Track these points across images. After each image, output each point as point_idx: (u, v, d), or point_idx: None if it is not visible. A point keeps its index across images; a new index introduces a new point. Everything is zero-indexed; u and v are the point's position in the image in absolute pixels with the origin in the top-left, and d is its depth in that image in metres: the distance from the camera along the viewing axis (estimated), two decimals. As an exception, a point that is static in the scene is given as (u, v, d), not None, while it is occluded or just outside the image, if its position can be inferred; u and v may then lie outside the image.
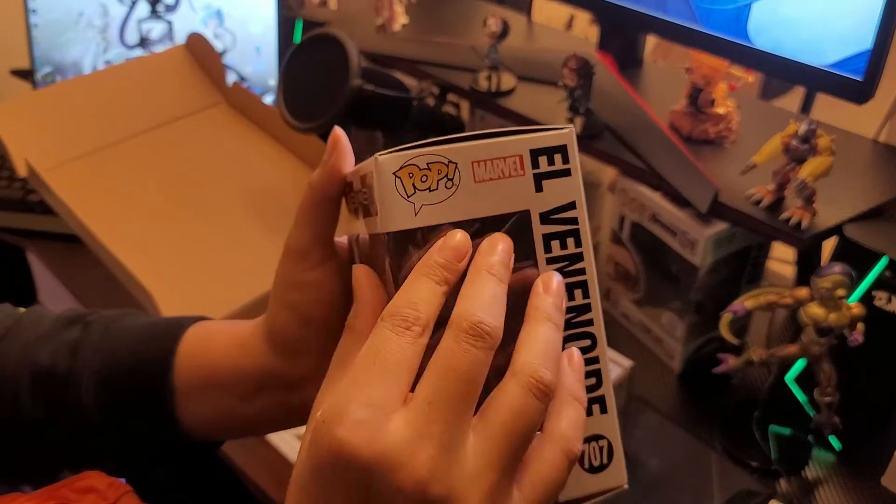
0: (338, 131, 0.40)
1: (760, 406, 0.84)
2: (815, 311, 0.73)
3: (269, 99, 1.26)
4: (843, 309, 0.72)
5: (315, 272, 0.40)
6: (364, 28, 1.18)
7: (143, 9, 1.28)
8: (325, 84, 0.86)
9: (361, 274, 0.36)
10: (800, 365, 0.80)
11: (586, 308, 0.36)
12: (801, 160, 0.74)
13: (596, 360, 0.37)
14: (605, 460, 0.37)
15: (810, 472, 0.80)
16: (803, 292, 0.74)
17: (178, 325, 0.46)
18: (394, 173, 0.36)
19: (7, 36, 1.32)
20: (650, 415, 0.87)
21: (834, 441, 0.81)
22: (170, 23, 1.30)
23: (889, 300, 0.74)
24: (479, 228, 0.36)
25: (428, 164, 0.36)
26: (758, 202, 0.78)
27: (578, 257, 0.36)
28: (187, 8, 1.28)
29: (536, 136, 0.36)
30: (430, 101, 1.02)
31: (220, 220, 0.99)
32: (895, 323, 0.74)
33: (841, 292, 0.71)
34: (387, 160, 0.36)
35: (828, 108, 0.91)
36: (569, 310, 0.36)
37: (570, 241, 0.36)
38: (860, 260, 0.74)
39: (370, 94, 0.86)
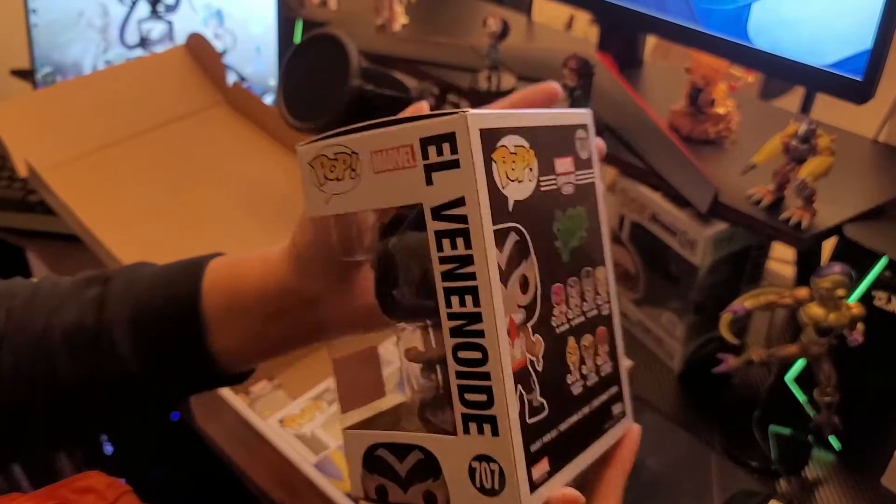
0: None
1: (760, 406, 0.84)
2: (815, 311, 0.73)
3: (269, 99, 1.26)
4: (842, 309, 0.72)
5: None
6: (364, 28, 1.18)
7: (143, 9, 1.29)
8: (325, 84, 0.86)
9: None
10: (800, 365, 0.80)
11: (476, 317, 0.33)
12: (800, 160, 0.74)
13: (486, 375, 0.33)
14: (495, 485, 0.33)
15: (810, 472, 0.80)
16: (803, 292, 0.74)
17: (199, 262, 0.48)
18: (308, 163, 0.37)
19: (7, 36, 1.32)
20: (650, 415, 0.87)
21: (834, 441, 0.81)
22: (170, 23, 1.30)
23: (889, 300, 0.74)
24: (392, 219, 0.36)
25: (335, 154, 0.36)
26: (758, 202, 0.78)
27: (467, 260, 0.33)
28: (187, 8, 1.28)
29: (424, 124, 0.34)
30: (430, 102, 1.02)
31: (220, 220, 0.99)
32: (895, 323, 0.74)
33: (841, 292, 0.71)
34: (302, 150, 0.37)
35: (828, 108, 0.91)
36: (458, 316, 0.33)
37: (460, 241, 0.33)
38: (860, 260, 0.74)
39: (370, 94, 0.86)
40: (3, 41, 1.35)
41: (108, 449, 1.07)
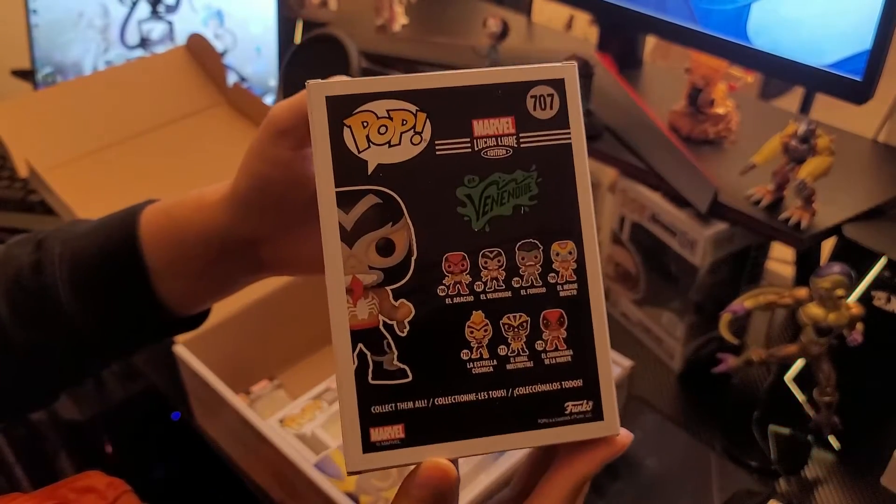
0: None
1: (760, 406, 0.84)
2: (815, 311, 0.73)
3: (269, 99, 1.26)
4: (842, 309, 0.72)
5: (289, 152, 0.42)
6: (364, 28, 1.18)
7: (143, 9, 1.29)
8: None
9: None
10: (799, 365, 0.81)
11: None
12: (800, 160, 0.74)
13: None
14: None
15: (810, 471, 0.80)
16: (803, 292, 0.74)
17: (132, 211, 0.47)
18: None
19: (8, 36, 1.32)
20: (650, 415, 0.87)
21: (833, 441, 0.81)
22: (170, 23, 1.30)
23: (888, 300, 0.74)
24: None
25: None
26: (757, 202, 0.78)
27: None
28: (188, 8, 1.29)
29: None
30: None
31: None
32: (895, 323, 0.74)
33: (840, 292, 0.71)
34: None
35: (827, 108, 0.91)
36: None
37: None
38: (859, 260, 0.74)
39: (370, 95, 0.86)
40: (3, 41, 1.35)
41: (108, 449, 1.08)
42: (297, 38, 1.25)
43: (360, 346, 0.36)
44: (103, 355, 0.49)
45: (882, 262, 0.74)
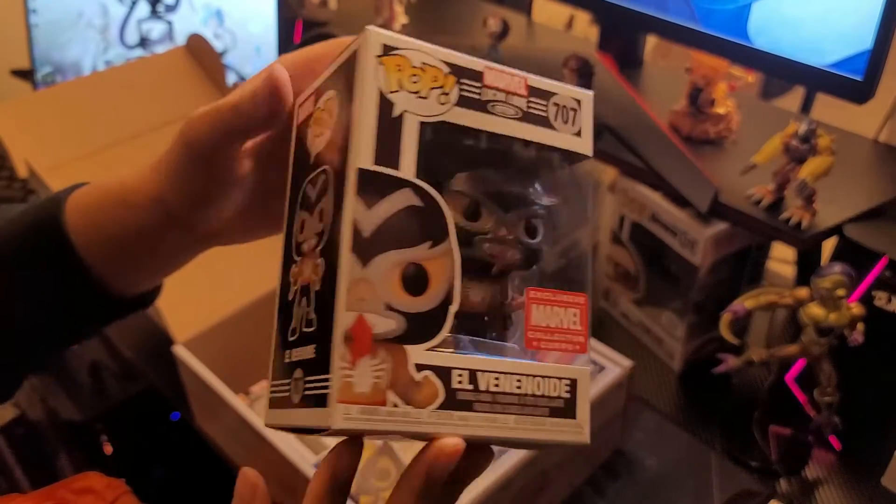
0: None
1: (760, 406, 0.84)
2: (815, 311, 0.72)
3: (269, 99, 1.26)
4: (843, 309, 0.72)
5: (208, 168, 0.39)
6: (364, 28, 1.18)
7: (143, 9, 1.28)
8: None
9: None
10: (800, 365, 0.80)
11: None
12: (801, 160, 0.74)
13: None
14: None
15: (810, 472, 0.79)
16: (803, 292, 0.74)
17: (57, 197, 0.45)
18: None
19: (7, 36, 1.32)
20: (650, 415, 0.87)
21: (834, 441, 0.81)
22: (170, 23, 1.29)
23: (889, 300, 0.74)
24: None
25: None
26: (758, 202, 0.78)
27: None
28: (187, 8, 1.28)
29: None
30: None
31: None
32: (895, 323, 0.74)
33: (841, 292, 0.71)
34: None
35: (828, 108, 0.91)
36: None
37: None
38: (860, 260, 0.74)
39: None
40: (3, 41, 1.34)
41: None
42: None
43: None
44: (51, 342, 0.47)
45: (883, 262, 0.74)
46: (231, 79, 1.25)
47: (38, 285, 0.44)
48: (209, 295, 0.90)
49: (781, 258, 1.02)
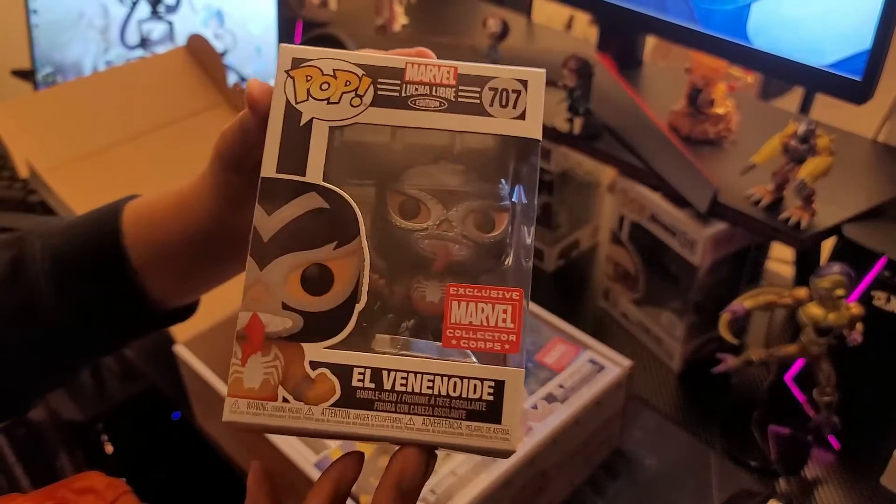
0: None
1: (760, 406, 0.84)
2: (815, 311, 0.73)
3: (269, 99, 1.26)
4: (842, 309, 0.72)
5: (239, 177, 0.41)
6: (364, 28, 1.18)
7: (143, 9, 1.29)
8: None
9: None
10: (799, 365, 0.81)
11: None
12: (800, 160, 0.74)
13: None
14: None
15: (809, 471, 0.80)
16: (802, 292, 0.74)
17: (114, 207, 0.46)
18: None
19: (8, 36, 1.32)
20: (649, 415, 0.87)
21: (833, 441, 0.81)
22: (170, 23, 1.30)
23: (888, 300, 0.74)
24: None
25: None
26: (757, 202, 0.78)
27: None
28: (188, 8, 1.29)
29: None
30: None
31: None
32: (894, 323, 0.74)
33: (840, 292, 0.71)
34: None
35: (827, 108, 0.91)
36: None
37: None
38: (859, 260, 0.74)
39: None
40: (3, 41, 1.35)
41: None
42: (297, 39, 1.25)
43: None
44: (90, 351, 0.49)
45: (882, 262, 0.74)
46: (231, 79, 1.25)
47: (91, 294, 0.45)
48: (210, 295, 0.90)
49: (780, 258, 1.02)
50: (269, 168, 0.32)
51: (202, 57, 1.17)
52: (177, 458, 1.03)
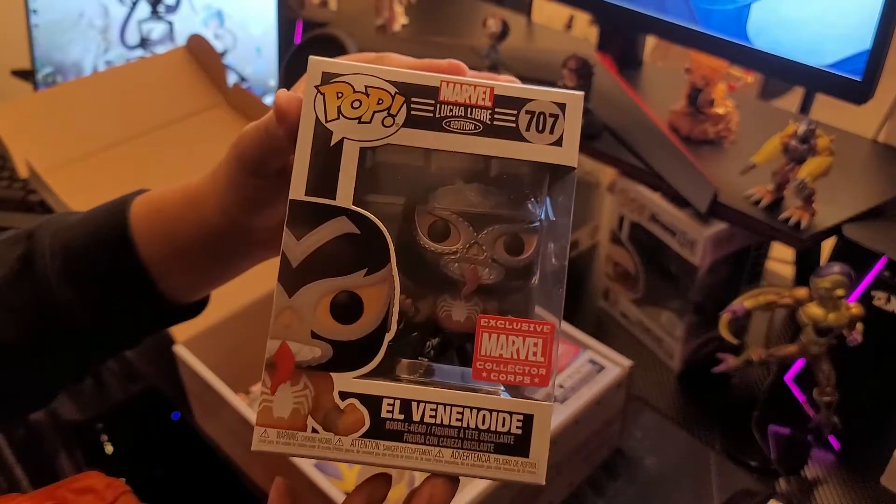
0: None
1: (760, 406, 0.84)
2: (815, 310, 0.73)
3: (269, 100, 1.26)
4: (842, 309, 0.72)
5: (256, 179, 0.40)
6: (364, 28, 1.18)
7: (143, 9, 1.29)
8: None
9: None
10: (799, 365, 0.81)
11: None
12: (800, 160, 0.74)
13: None
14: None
15: (809, 471, 0.80)
16: (802, 292, 0.74)
17: (121, 202, 0.46)
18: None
19: (8, 36, 1.32)
20: (649, 415, 0.87)
21: (833, 441, 0.81)
22: (170, 23, 1.30)
23: (888, 300, 0.74)
24: None
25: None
26: (757, 202, 0.78)
27: None
28: (188, 9, 1.29)
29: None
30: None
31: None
32: (894, 323, 0.74)
33: (840, 292, 0.71)
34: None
35: (827, 108, 0.91)
36: None
37: None
38: (859, 260, 0.74)
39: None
40: (3, 41, 1.35)
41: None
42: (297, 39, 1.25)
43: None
44: (102, 348, 0.48)
45: (882, 262, 0.74)
46: (231, 79, 1.25)
47: (103, 289, 0.45)
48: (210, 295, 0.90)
49: (780, 258, 1.02)
50: (297, 190, 0.31)
51: (202, 57, 1.17)
52: (176, 458, 1.03)
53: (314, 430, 0.30)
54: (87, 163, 1.03)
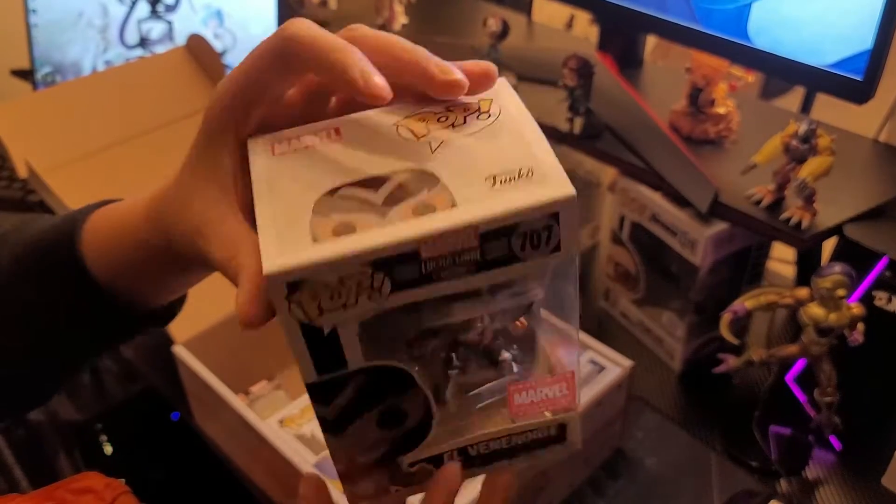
0: None
1: (760, 406, 0.84)
2: (816, 311, 0.72)
3: (269, 99, 1.26)
4: (843, 309, 0.72)
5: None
6: (364, 28, 1.18)
7: (142, 9, 1.28)
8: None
9: None
10: (800, 365, 0.80)
11: None
12: (801, 160, 0.74)
13: None
14: None
15: (810, 472, 0.79)
16: (803, 292, 0.74)
17: (81, 212, 0.46)
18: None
19: (7, 36, 1.32)
20: (650, 415, 0.87)
21: (834, 441, 0.81)
22: (170, 23, 1.29)
23: (889, 300, 0.74)
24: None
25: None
26: (758, 202, 0.78)
27: None
28: (187, 8, 1.28)
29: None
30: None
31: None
32: (895, 323, 0.74)
33: (841, 292, 0.71)
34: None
35: (828, 108, 0.91)
36: None
37: None
38: (860, 260, 0.74)
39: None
40: (3, 41, 1.35)
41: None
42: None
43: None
44: (72, 355, 0.48)
45: (883, 262, 0.74)
46: (231, 79, 1.25)
47: (53, 300, 0.45)
48: (209, 295, 0.89)
49: (781, 258, 1.02)
50: (308, 375, 0.32)
51: (202, 57, 1.17)
52: (176, 459, 1.03)
53: (397, 491, 0.36)
54: (86, 163, 1.03)
